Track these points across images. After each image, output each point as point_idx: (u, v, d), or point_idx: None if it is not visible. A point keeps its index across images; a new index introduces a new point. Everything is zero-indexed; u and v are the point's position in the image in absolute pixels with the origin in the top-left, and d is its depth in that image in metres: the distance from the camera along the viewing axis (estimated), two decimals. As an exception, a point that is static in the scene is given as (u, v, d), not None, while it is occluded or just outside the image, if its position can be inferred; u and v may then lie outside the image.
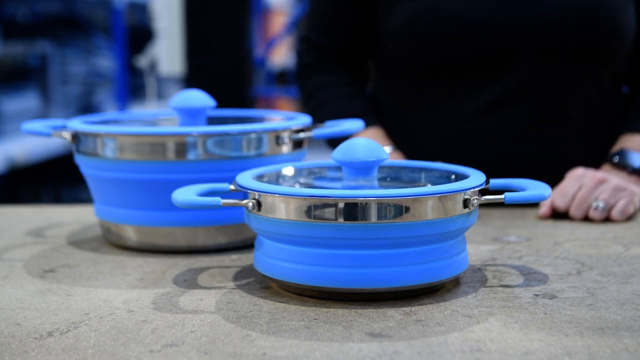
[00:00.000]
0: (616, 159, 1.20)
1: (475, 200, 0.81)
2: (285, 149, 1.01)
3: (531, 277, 0.88)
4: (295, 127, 1.02)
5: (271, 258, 0.83)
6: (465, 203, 0.81)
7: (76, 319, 0.77)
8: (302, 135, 1.02)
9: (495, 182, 0.87)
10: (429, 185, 0.87)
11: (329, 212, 0.78)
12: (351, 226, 0.78)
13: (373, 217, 0.77)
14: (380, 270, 0.79)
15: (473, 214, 0.83)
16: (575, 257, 0.95)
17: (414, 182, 0.92)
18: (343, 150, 0.87)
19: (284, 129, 1.00)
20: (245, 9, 3.31)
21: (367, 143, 0.87)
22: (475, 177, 0.85)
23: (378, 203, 0.77)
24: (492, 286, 0.85)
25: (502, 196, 0.82)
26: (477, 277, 0.88)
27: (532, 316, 0.76)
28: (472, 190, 0.81)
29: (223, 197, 0.83)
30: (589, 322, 0.74)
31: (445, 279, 0.82)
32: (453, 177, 0.89)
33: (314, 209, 0.78)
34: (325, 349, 0.69)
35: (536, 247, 0.99)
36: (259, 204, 0.81)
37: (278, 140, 1.00)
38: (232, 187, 0.87)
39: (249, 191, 0.82)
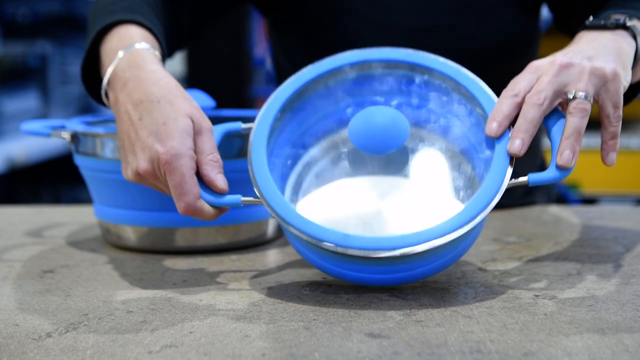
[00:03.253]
0: (588, 22, 0.91)
1: None
2: (285, 149, 1.01)
3: (531, 277, 0.88)
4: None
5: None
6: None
7: (75, 319, 0.77)
8: (301, 135, 1.02)
9: None
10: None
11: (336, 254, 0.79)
12: (358, 260, 0.79)
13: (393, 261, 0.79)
14: (390, 276, 0.81)
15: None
16: (575, 258, 0.95)
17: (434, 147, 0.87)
18: (361, 132, 0.83)
19: (284, 129, 1.00)
20: (245, 10, 3.31)
21: (388, 123, 0.83)
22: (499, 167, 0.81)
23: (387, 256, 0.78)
24: (492, 286, 0.85)
25: (525, 178, 0.80)
26: (477, 277, 0.87)
27: (532, 317, 0.76)
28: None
29: (244, 195, 0.82)
30: (589, 323, 0.74)
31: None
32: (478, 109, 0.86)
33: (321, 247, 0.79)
34: (324, 349, 0.69)
35: (536, 247, 0.99)
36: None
37: (278, 141, 1.00)
38: (244, 126, 0.87)
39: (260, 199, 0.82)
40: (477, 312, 0.77)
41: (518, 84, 0.84)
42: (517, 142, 0.81)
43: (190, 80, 3.27)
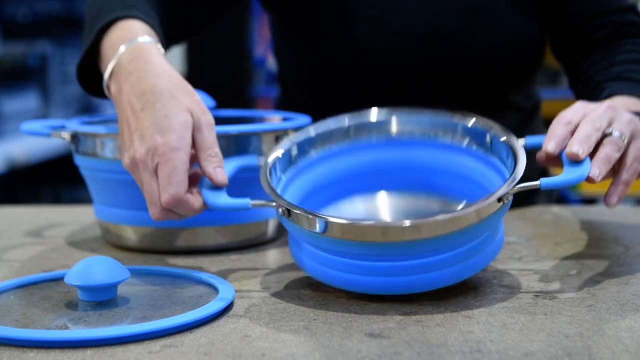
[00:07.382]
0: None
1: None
2: (285, 149, 1.01)
3: (531, 277, 0.88)
4: (295, 127, 1.02)
5: (304, 256, 0.83)
6: (500, 198, 0.78)
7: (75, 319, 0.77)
8: (301, 135, 1.02)
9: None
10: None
11: (360, 234, 0.77)
12: (382, 244, 0.77)
13: (406, 235, 0.76)
14: (416, 277, 0.79)
15: (507, 204, 0.80)
16: (575, 258, 0.95)
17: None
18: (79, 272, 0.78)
19: (284, 129, 1.00)
20: (245, 9, 3.31)
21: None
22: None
23: (411, 227, 0.76)
24: (492, 286, 0.85)
25: (537, 182, 0.80)
26: (477, 277, 0.87)
27: (532, 317, 0.76)
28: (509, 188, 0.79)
29: (252, 198, 0.82)
30: (589, 323, 0.74)
31: (484, 267, 0.82)
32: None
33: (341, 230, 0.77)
34: (324, 349, 0.69)
35: (536, 247, 0.99)
36: (288, 212, 0.80)
37: (278, 141, 1.00)
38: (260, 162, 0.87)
39: (275, 201, 0.81)
40: (477, 312, 0.77)
41: (568, 115, 0.88)
42: (576, 147, 0.83)
43: (190, 80, 3.26)
